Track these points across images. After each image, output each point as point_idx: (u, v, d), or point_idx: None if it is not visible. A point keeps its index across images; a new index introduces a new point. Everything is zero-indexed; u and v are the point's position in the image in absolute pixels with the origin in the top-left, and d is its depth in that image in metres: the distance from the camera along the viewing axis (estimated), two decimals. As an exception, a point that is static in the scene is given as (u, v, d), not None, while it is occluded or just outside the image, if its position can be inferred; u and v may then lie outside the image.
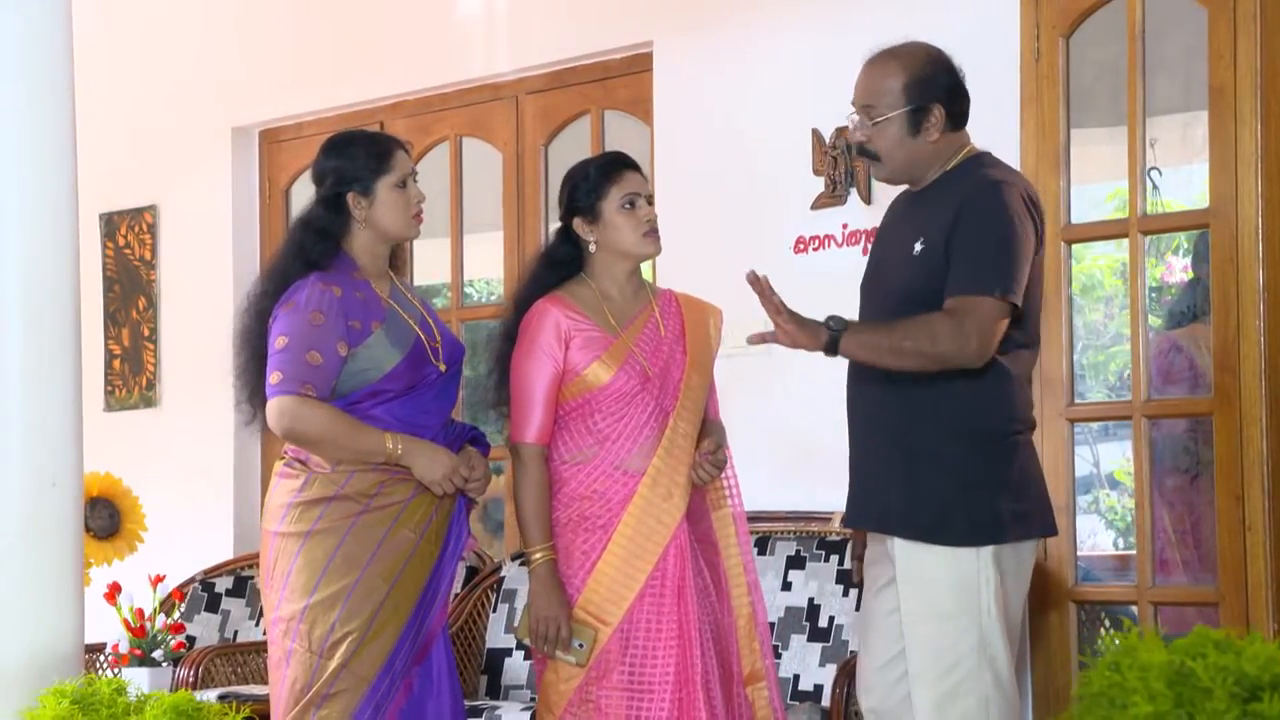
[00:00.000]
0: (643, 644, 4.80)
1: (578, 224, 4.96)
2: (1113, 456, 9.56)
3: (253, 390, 4.88)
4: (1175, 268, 9.08)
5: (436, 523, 4.83)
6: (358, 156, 4.91)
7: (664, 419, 4.89)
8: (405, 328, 4.87)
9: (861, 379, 4.72)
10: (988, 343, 4.45)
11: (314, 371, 4.70)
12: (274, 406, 4.72)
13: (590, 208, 4.93)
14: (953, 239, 4.50)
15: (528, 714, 6.00)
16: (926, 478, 4.53)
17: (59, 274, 4.83)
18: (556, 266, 5.02)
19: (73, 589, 4.82)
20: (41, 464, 4.74)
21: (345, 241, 4.91)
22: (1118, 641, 2.49)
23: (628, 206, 4.92)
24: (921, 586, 4.54)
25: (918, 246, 4.57)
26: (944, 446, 4.53)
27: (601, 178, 4.94)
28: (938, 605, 4.53)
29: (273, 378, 4.72)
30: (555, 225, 5.11)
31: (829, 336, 4.53)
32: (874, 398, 4.66)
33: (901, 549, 4.58)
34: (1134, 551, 6.17)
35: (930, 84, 4.64)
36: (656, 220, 4.98)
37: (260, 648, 7.07)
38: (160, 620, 6.24)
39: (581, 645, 4.79)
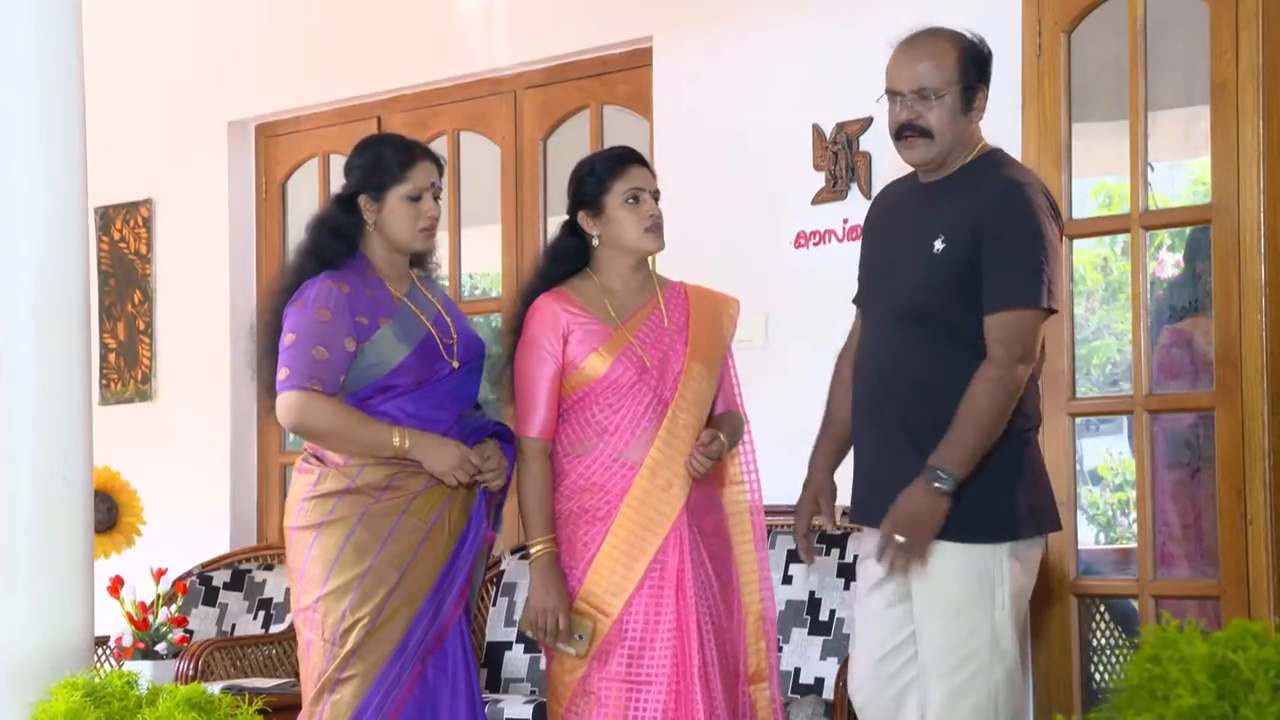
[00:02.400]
0: (640, 635, 4.81)
1: (582, 217, 4.97)
2: (1096, 452, 9.61)
3: (270, 383, 4.93)
4: (1167, 263, 9.11)
5: (453, 515, 4.87)
6: (379, 161, 4.95)
7: (663, 410, 4.90)
8: (416, 323, 4.90)
9: (873, 374, 4.71)
10: (1032, 352, 4.50)
11: (321, 367, 4.75)
12: (282, 401, 4.78)
13: (594, 201, 4.94)
14: (984, 246, 4.50)
15: (530, 707, 6.02)
16: None
17: (69, 270, 4.84)
18: (562, 261, 5.03)
19: (83, 582, 4.83)
20: (53, 458, 4.75)
21: (362, 241, 4.96)
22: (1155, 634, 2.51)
23: (631, 201, 4.93)
24: (936, 581, 4.55)
25: (938, 245, 4.56)
26: None
27: (606, 172, 4.96)
28: (953, 600, 4.54)
29: (281, 374, 4.79)
30: (561, 219, 5.13)
31: (948, 489, 4.45)
32: (889, 394, 4.65)
33: None
34: (1131, 545, 6.20)
35: (981, 64, 4.69)
36: (661, 216, 4.99)
37: (259, 641, 7.10)
38: (163, 613, 6.24)
39: (581, 637, 4.81)
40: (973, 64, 4.66)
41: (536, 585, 4.86)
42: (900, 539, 4.46)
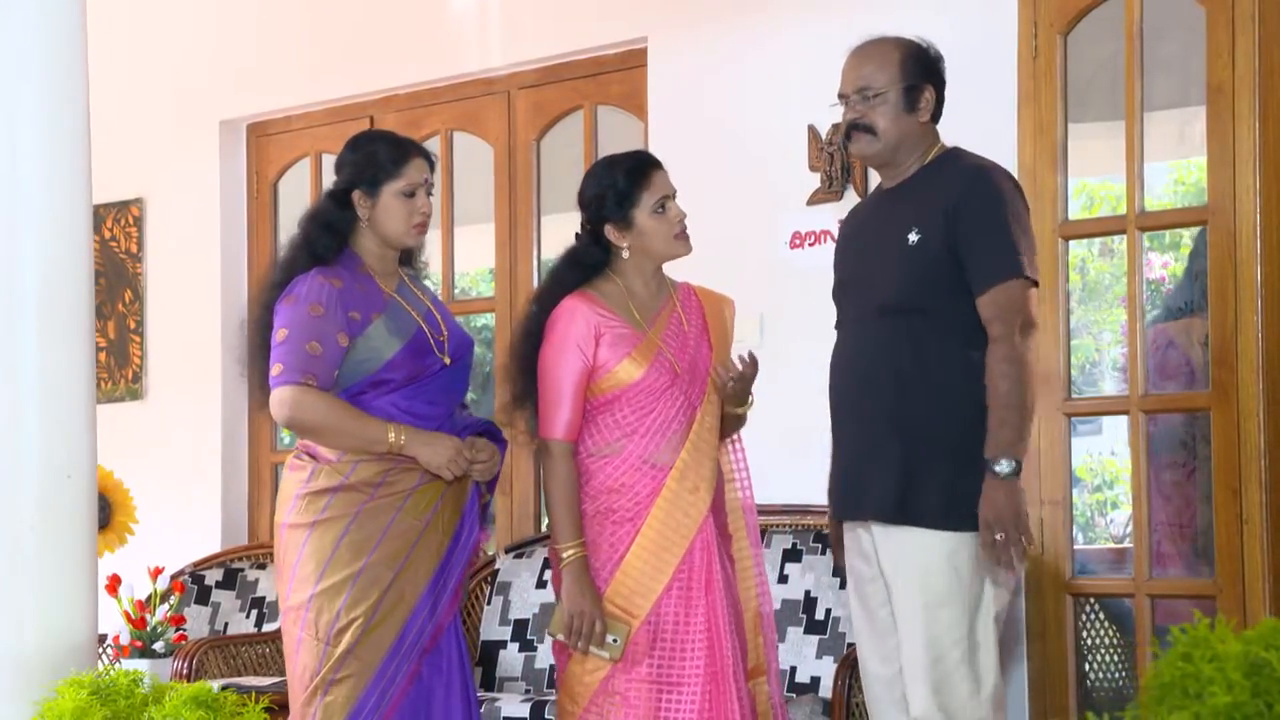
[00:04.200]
0: (671, 637, 4.83)
1: (610, 231, 4.95)
2: (1075, 453, 9.63)
3: (262, 378, 4.92)
4: (1155, 264, 9.16)
5: (447, 512, 4.87)
6: (373, 157, 4.95)
7: (691, 413, 4.93)
8: (407, 318, 4.91)
9: (853, 370, 4.79)
10: (1030, 320, 4.62)
11: (315, 362, 4.75)
12: (276, 396, 4.78)
13: (624, 216, 4.94)
14: (959, 230, 4.63)
15: (527, 705, 6.03)
16: (926, 465, 4.64)
17: (73, 268, 4.82)
18: (583, 269, 5.02)
19: (87, 580, 4.81)
20: (58, 457, 4.73)
21: (353, 238, 4.95)
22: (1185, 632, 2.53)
23: (659, 210, 4.95)
24: (917, 573, 4.64)
25: (913, 236, 4.69)
26: (942, 434, 4.64)
27: (632, 185, 4.94)
28: (933, 591, 4.62)
29: (274, 369, 4.78)
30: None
31: (1010, 470, 4.54)
32: (872, 388, 4.74)
33: (896, 537, 4.68)
34: (1113, 545, 6.23)
35: (925, 66, 4.82)
36: (685, 219, 5.00)
37: (252, 639, 7.11)
38: (161, 612, 6.24)
39: (616, 640, 4.81)
40: (916, 65, 4.81)
41: (571, 589, 4.84)
42: (999, 536, 4.53)
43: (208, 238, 8.40)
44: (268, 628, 7.41)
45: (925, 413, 4.64)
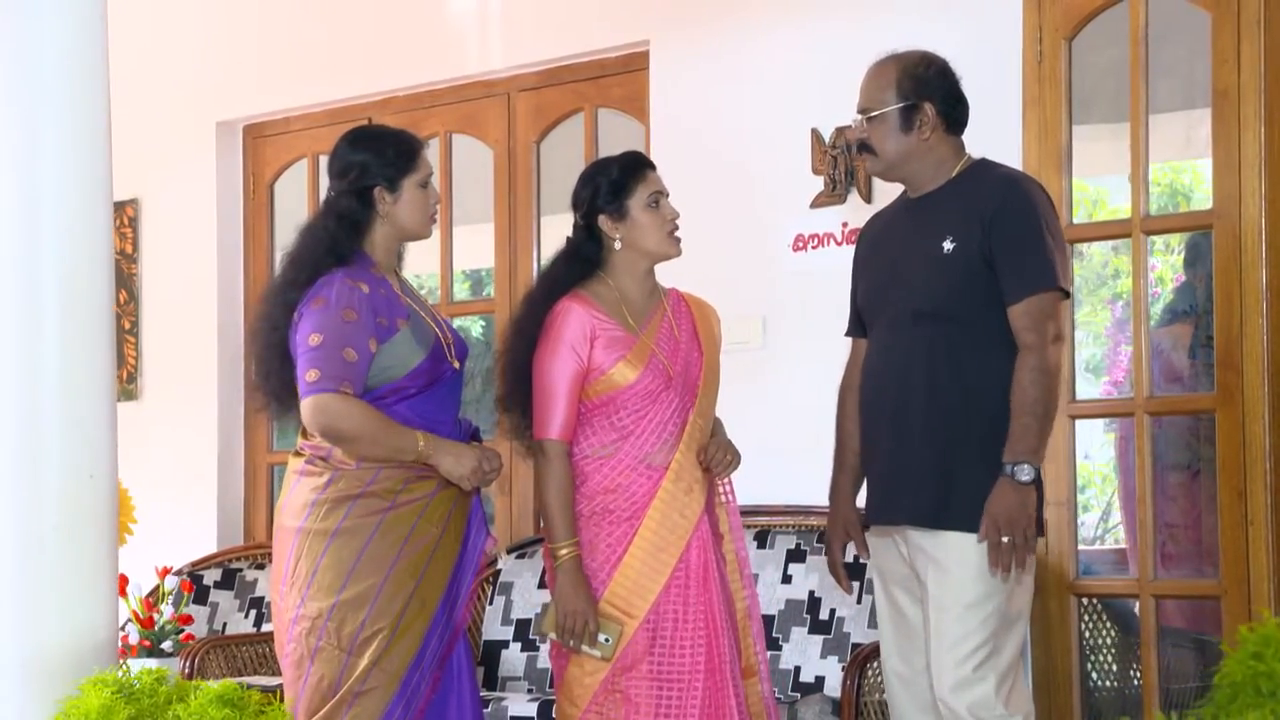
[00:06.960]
0: (670, 635, 4.86)
1: (603, 221, 5.00)
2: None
3: (268, 374, 4.88)
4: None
5: (456, 519, 4.86)
6: (386, 152, 4.93)
7: (685, 415, 4.97)
8: (426, 326, 4.90)
9: (888, 377, 4.82)
10: (1061, 331, 4.73)
11: (350, 369, 4.70)
12: (312, 404, 4.71)
13: (618, 205, 4.99)
14: (994, 240, 4.67)
15: (534, 705, 6.05)
16: (962, 470, 4.67)
17: (94, 268, 4.82)
18: (578, 264, 5.06)
19: (108, 579, 4.81)
20: (80, 457, 4.73)
21: (365, 237, 4.93)
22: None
23: (653, 205, 4.99)
24: (952, 574, 4.67)
25: (948, 245, 4.72)
26: (977, 439, 4.67)
27: (627, 176, 5.01)
28: (966, 593, 4.65)
29: (309, 375, 4.70)
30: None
31: (1029, 478, 4.61)
32: (908, 393, 4.76)
33: (932, 541, 4.71)
34: (1123, 546, 6.26)
35: (922, 82, 4.82)
36: (678, 219, 5.04)
37: (252, 640, 7.10)
38: (168, 611, 6.24)
39: (608, 640, 4.83)
40: (912, 84, 4.83)
41: (565, 589, 4.87)
42: (1005, 539, 4.57)
43: (203, 239, 8.41)
44: (266, 628, 7.40)
45: (960, 418, 4.69)
